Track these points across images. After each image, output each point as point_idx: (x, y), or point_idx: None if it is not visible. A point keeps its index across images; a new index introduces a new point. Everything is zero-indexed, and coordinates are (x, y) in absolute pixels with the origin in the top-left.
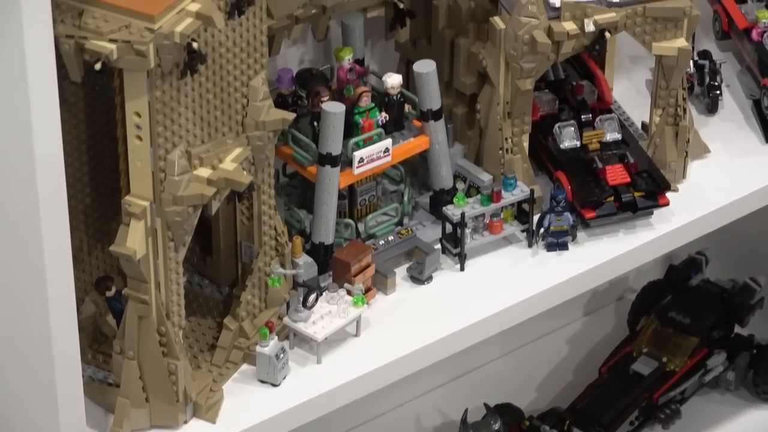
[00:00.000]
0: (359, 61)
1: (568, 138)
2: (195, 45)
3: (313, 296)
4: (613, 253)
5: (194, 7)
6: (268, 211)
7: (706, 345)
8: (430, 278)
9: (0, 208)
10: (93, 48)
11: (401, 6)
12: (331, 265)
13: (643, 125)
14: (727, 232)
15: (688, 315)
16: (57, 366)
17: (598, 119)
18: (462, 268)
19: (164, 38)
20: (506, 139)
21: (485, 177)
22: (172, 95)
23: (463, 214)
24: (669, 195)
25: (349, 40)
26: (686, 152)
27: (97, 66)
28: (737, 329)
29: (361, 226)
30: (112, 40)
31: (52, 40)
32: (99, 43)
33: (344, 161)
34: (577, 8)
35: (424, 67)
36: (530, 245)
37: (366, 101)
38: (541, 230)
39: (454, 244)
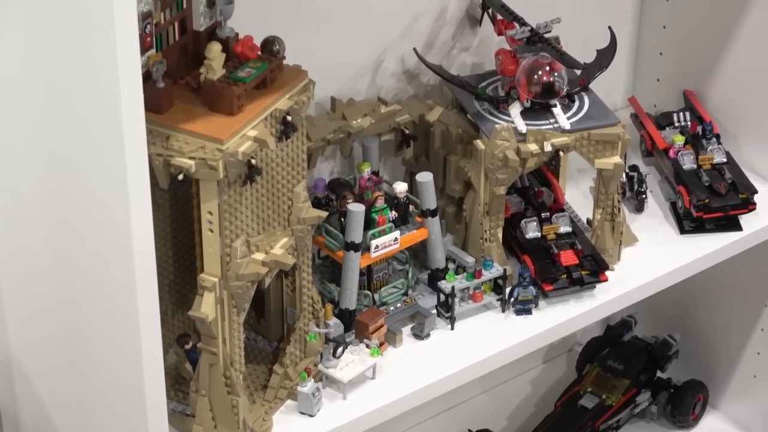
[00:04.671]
0: (375, 173)
1: (531, 230)
2: (253, 161)
3: (340, 349)
4: (565, 316)
5: (253, 132)
6: (307, 284)
7: (636, 386)
8: (428, 335)
9: (105, 283)
10: (177, 163)
11: (407, 132)
12: (354, 326)
13: (588, 221)
14: (651, 301)
15: (622, 363)
16: (148, 401)
17: (554, 216)
18: (452, 328)
19: (230, 156)
20: (485, 231)
21: (470, 259)
22: (236, 199)
23: (453, 288)
24: (608, 273)
25: (367, 157)
26: (620, 241)
27: (180, 177)
28: (659, 374)
29: (376, 296)
30: (191, 158)
31: (147, 157)
32: (181, 160)
33: (364, 247)
34: (539, 134)
35: (424, 177)
36: (503, 311)
37: (380, 203)
38: (512, 299)
39: (446, 309)
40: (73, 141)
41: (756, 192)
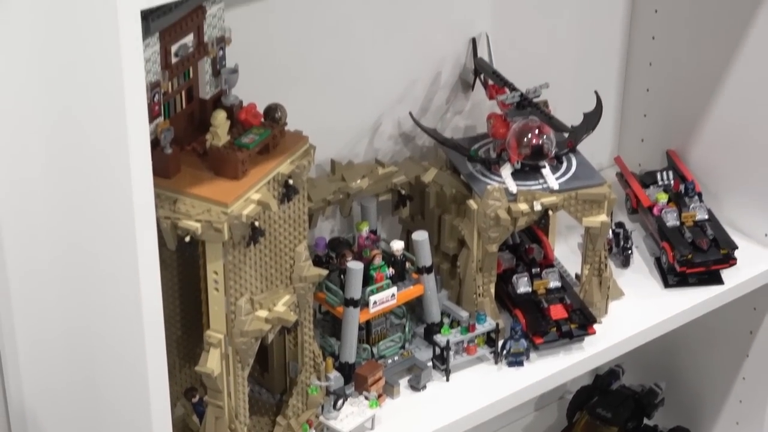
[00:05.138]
0: (373, 232)
1: (522, 285)
2: (257, 223)
3: (340, 401)
4: (556, 368)
5: (256, 196)
6: (309, 339)
7: None
8: (424, 387)
9: (116, 338)
10: (184, 226)
11: (403, 192)
12: (354, 378)
13: (577, 276)
14: (638, 351)
15: (610, 411)
16: None
17: (544, 272)
18: (447, 380)
19: (235, 219)
20: (478, 286)
21: (464, 314)
22: (240, 259)
23: (448, 341)
24: (596, 327)
25: (366, 217)
26: (607, 295)
27: (187, 238)
28: (646, 421)
29: (374, 350)
30: (197, 220)
31: (155, 220)
32: (188, 222)
33: (363, 303)
34: (529, 194)
35: (420, 235)
36: (496, 363)
37: (378, 260)
38: (504, 352)
39: (442, 362)
40: (85, 205)
41: (736, 248)
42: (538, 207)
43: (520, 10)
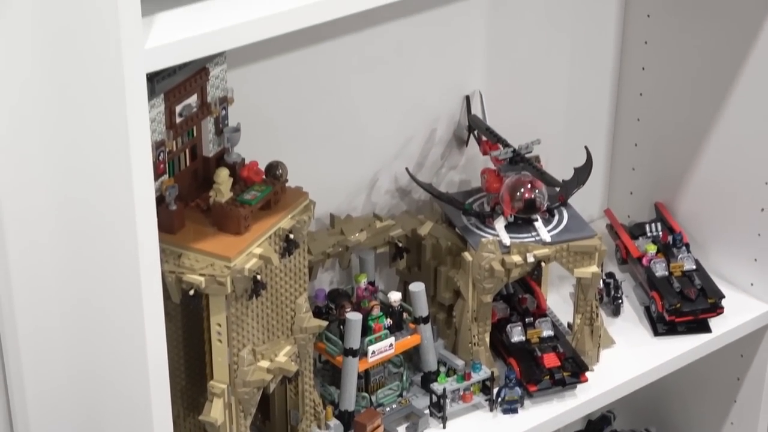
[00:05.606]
0: (372, 283)
1: (516, 334)
2: (259, 277)
3: None
4: (549, 415)
5: (258, 250)
6: (309, 388)
7: None
8: None
9: (122, 389)
10: (188, 280)
11: (400, 245)
12: (353, 426)
13: (569, 325)
14: (629, 397)
15: None
16: None
17: (537, 321)
18: (444, 427)
19: (237, 273)
20: (474, 336)
21: (459, 362)
22: (243, 311)
23: (444, 389)
24: (588, 374)
25: (364, 269)
26: (599, 344)
27: (191, 292)
28: None
29: (373, 398)
30: (201, 274)
31: (160, 274)
32: (192, 276)
33: (362, 353)
34: (522, 246)
35: (416, 287)
36: (492, 410)
37: (376, 311)
38: (499, 400)
39: (439, 410)
40: (92, 261)
41: (723, 297)
42: (531, 259)
43: (511, 69)
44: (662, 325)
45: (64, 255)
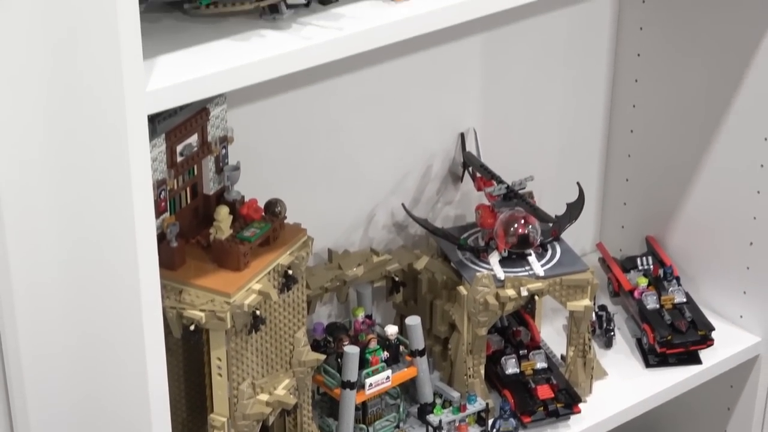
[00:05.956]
0: (369, 317)
1: (511, 366)
2: (258, 312)
3: None
4: None
5: (257, 286)
6: (308, 421)
7: None
8: None
9: (123, 423)
10: (189, 315)
11: (397, 279)
12: None
13: (562, 356)
14: (621, 428)
15: None
16: None
17: (531, 353)
18: None
19: (237, 308)
20: (469, 368)
21: (455, 394)
22: (242, 346)
23: (440, 421)
24: (581, 406)
25: (361, 302)
26: (591, 375)
27: (192, 327)
28: None
29: (371, 429)
30: (201, 310)
31: (161, 310)
32: (193, 312)
33: (359, 385)
34: (516, 280)
35: (413, 320)
36: None
37: (373, 344)
38: (494, 431)
39: None
40: (95, 296)
41: (713, 329)
42: (524, 293)
43: (505, 107)
44: (654, 357)
45: (67, 292)
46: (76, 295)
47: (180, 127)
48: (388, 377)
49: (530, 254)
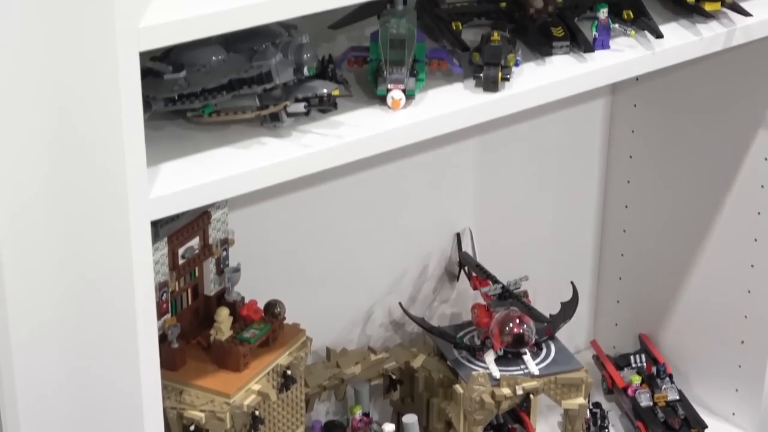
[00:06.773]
0: (366, 414)
1: None
2: (257, 413)
3: None
4: None
5: (257, 386)
6: None
7: None
8: None
9: None
10: (189, 416)
11: (394, 377)
12: None
13: None
14: None
15: None
16: None
17: None
18: None
19: (236, 409)
20: None
21: None
22: None
23: None
24: None
25: (359, 400)
26: None
27: (192, 428)
28: None
29: None
30: (201, 410)
31: (162, 411)
32: (193, 412)
33: None
34: (511, 379)
35: (409, 418)
36: None
37: None
38: None
39: None
40: (96, 398)
41: (706, 426)
42: (520, 391)
43: (500, 209)
44: None
45: (69, 394)
46: (78, 397)
47: (182, 230)
48: None
49: (525, 353)
